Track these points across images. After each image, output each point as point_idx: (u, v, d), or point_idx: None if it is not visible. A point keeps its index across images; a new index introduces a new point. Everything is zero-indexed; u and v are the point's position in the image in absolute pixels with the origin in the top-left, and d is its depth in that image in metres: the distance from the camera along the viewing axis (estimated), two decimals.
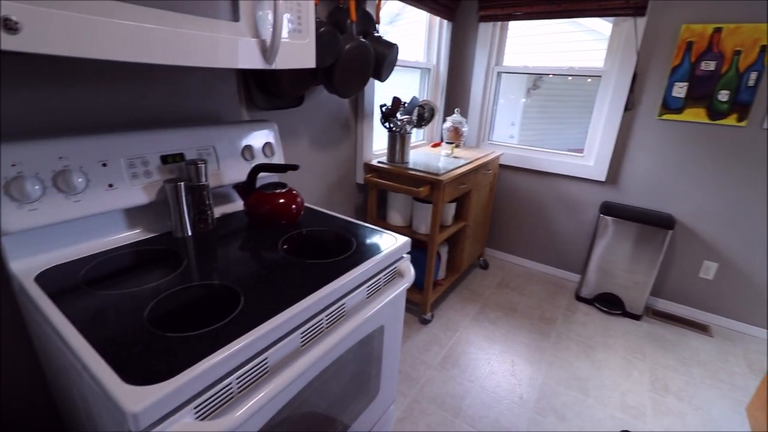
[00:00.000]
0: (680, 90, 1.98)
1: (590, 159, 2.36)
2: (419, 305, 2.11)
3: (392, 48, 1.61)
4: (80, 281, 0.76)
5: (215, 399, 0.57)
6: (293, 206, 1.09)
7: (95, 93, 0.92)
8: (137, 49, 0.63)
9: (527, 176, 2.60)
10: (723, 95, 1.89)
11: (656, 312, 2.32)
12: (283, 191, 1.09)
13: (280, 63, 0.90)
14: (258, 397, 0.58)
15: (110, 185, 0.88)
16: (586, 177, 2.36)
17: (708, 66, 1.90)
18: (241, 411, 0.56)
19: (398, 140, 1.95)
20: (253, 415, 0.58)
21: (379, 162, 1.99)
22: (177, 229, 0.98)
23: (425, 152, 2.30)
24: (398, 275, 1.01)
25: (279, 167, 1.09)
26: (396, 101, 1.86)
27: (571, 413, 1.57)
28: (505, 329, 2.08)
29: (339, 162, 1.88)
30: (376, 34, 1.62)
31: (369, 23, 1.61)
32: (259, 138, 1.23)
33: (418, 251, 2.03)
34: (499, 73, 2.60)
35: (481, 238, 2.63)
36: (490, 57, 2.55)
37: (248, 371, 0.62)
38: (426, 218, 1.96)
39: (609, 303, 2.29)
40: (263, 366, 0.65)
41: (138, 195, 0.93)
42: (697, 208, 2.12)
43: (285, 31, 0.88)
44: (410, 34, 2.43)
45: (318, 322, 0.76)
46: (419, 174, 1.83)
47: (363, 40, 1.45)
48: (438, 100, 2.67)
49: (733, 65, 1.84)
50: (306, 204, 1.26)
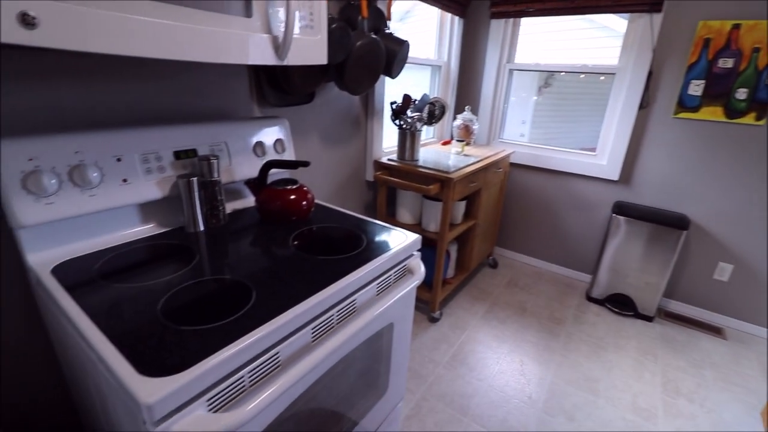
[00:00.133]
0: (697, 88, 1.95)
1: (603, 158, 2.33)
2: (428, 303, 2.11)
3: (403, 45, 1.60)
4: (95, 274, 0.77)
5: (228, 392, 0.58)
6: (304, 203, 1.10)
7: (109, 88, 0.93)
8: (151, 45, 0.64)
9: (538, 175, 2.58)
10: (741, 93, 1.85)
11: (669, 313, 2.28)
12: (294, 188, 1.09)
13: (292, 59, 0.90)
14: (269, 391, 0.59)
15: (124, 180, 0.89)
16: (599, 176, 2.33)
17: (726, 63, 1.85)
18: (253, 404, 0.56)
19: (408, 138, 1.95)
20: (265, 409, 0.58)
21: (389, 159, 1.98)
22: (189, 225, 0.99)
23: (435, 150, 2.29)
24: (408, 272, 1.00)
25: (290, 164, 1.10)
26: (406, 98, 1.85)
27: (581, 414, 1.55)
28: (514, 328, 2.06)
29: (349, 159, 1.88)
30: (387, 31, 1.62)
31: (380, 20, 1.60)
32: (271, 134, 1.23)
33: (428, 249, 2.03)
34: (511, 71, 2.58)
35: (491, 237, 2.61)
36: (502, 54, 2.52)
37: (260, 365, 0.62)
38: (435, 216, 1.95)
39: (620, 304, 2.26)
40: (275, 360, 0.65)
41: (151, 190, 0.94)
42: (713, 209, 2.08)
43: (297, 27, 0.88)
44: (420, 32, 2.42)
45: (329, 318, 0.76)
46: (429, 172, 1.82)
47: (374, 37, 1.45)
48: (449, 98, 2.65)
49: (752, 63, 1.80)
50: (316, 201, 1.26)
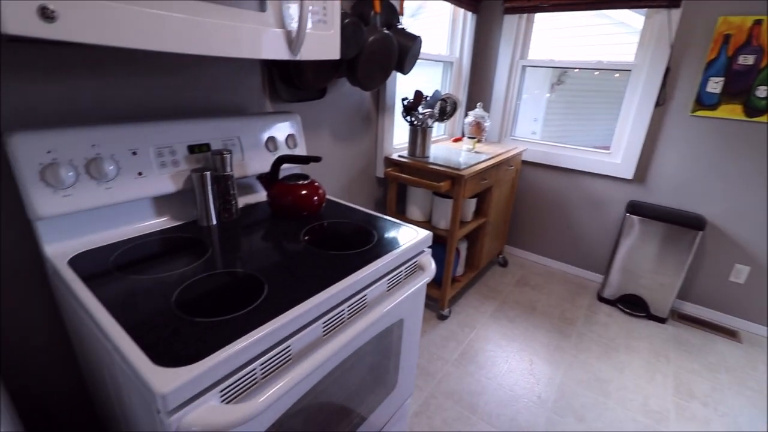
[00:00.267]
0: (715, 85, 1.90)
1: (617, 156, 2.29)
2: (437, 300, 2.10)
3: (416, 40, 1.59)
4: (111, 266, 0.78)
5: (240, 383, 0.58)
6: (315, 198, 1.10)
7: (125, 83, 0.94)
8: (167, 39, 0.64)
9: (550, 173, 2.55)
10: (761, 91, 1.80)
11: (682, 315, 2.25)
12: (306, 183, 1.10)
13: (305, 54, 0.90)
14: (281, 384, 0.59)
15: (140, 173, 0.90)
16: (613, 175, 2.30)
17: (746, 60, 1.81)
18: (265, 396, 0.56)
19: (419, 134, 1.94)
20: (276, 401, 0.58)
21: (400, 156, 1.98)
22: (202, 218, 1.00)
23: (446, 147, 2.28)
24: (419, 269, 1.00)
25: (302, 159, 1.10)
26: (418, 95, 1.84)
27: (591, 415, 1.54)
28: (524, 328, 2.05)
29: (359, 155, 1.87)
30: (400, 26, 1.61)
31: (393, 15, 1.59)
32: (283, 130, 1.23)
33: (437, 247, 2.02)
34: (524, 67, 2.54)
35: (501, 235, 2.59)
36: (515, 50, 2.49)
37: (272, 358, 0.63)
38: (446, 213, 1.94)
39: (632, 305, 2.23)
40: (286, 353, 0.65)
41: (166, 183, 0.95)
42: (730, 209, 2.03)
43: (310, 22, 0.88)
44: (432, 28, 2.41)
45: (340, 313, 0.76)
46: (440, 168, 1.81)
47: (387, 32, 1.44)
48: (460, 94, 2.63)
49: None
50: (327, 196, 1.26)
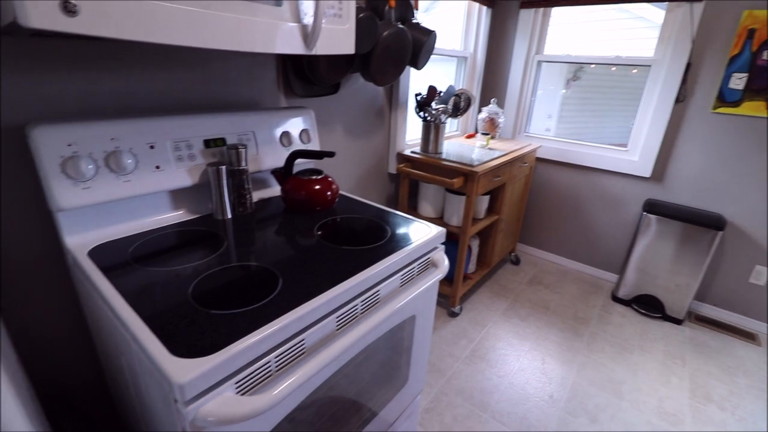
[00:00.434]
0: (738, 81, 1.84)
1: (634, 154, 2.25)
2: (448, 298, 2.09)
3: (430, 35, 1.58)
4: (129, 258, 0.79)
5: (255, 376, 0.59)
6: (328, 193, 1.10)
7: (142, 77, 0.95)
8: (184, 33, 0.64)
9: (565, 170, 2.51)
10: None
11: (699, 317, 2.20)
12: (319, 178, 1.10)
13: (320, 48, 0.89)
14: (295, 377, 0.59)
15: (157, 167, 0.92)
16: (629, 172, 2.25)
17: None
18: (280, 389, 0.57)
19: (432, 130, 1.93)
20: (290, 394, 0.59)
21: (413, 152, 1.97)
22: (218, 212, 1.01)
23: (459, 143, 2.26)
24: (432, 265, 1.00)
25: (316, 154, 1.10)
26: (431, 90, 1.83)
27: (604, 416, 1.52)
28: (536, 326, 2.03)
29: (372, 150, 1.87)
30: (414, 21, 1.60)
31: (407, 9, 1.58)
32: (297, 125, 1.24)
33: (449, 243, 2.01)
34: (540, 63, 2.51)
35: (514, 233, 2.57)
36: (531, 45, 2.46)
37: (286, 351, 0.63)
38: (458, 210, 1.93)
39: (648, 305, 2.19)
40: (300, 347, 0.66)
41: (182, 177, 0.96)
42: (751, 209, 1.97)
43: (325, 17, 0.88)
44: (446, 22, 2.38)
45: (353, 307, 0.76)
46: (453, 165, 1.80)
47: (401, 27, 1.43)
48: (474, 90, 2.60)
49: None
50: (340, 191, 1.27)
